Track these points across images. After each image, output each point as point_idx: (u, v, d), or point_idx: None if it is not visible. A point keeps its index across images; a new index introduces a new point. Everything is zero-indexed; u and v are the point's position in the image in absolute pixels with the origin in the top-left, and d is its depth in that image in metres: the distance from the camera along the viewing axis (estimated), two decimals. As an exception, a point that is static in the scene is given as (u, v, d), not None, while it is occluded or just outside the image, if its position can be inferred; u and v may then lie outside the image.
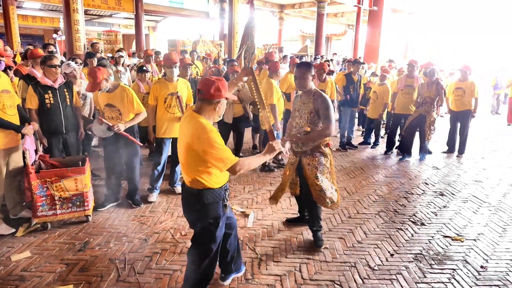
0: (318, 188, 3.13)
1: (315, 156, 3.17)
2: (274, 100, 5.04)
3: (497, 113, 12.23)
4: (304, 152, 3.19)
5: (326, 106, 3.02)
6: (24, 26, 19.16)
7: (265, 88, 5.02)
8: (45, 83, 3.85)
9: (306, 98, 3.15)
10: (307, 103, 3.12)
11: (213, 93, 2.13)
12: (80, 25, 7.70)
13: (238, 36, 10.45)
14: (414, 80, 6.26)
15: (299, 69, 3.11)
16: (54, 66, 3.85)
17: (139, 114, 3.96)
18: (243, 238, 3.48)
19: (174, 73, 4.19)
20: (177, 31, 22.75)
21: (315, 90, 3.13)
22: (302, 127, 3.12)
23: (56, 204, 3.44)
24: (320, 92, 3.11)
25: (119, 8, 15.14)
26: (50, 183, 3.37)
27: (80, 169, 3.50)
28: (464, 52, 22.85)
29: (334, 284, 2.83)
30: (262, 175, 5.31)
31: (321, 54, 13.96)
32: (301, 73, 3.07)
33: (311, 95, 3.12)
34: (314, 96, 3.09)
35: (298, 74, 3.09)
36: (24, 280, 2.76)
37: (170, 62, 4.14)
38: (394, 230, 3.75)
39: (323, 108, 3.02)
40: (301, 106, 3.18)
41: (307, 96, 3.14)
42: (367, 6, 15.64)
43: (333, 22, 23.88)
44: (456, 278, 2.94)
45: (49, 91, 3.86)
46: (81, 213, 3.59)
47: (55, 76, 3.89)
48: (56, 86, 3.91)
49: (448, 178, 5.45)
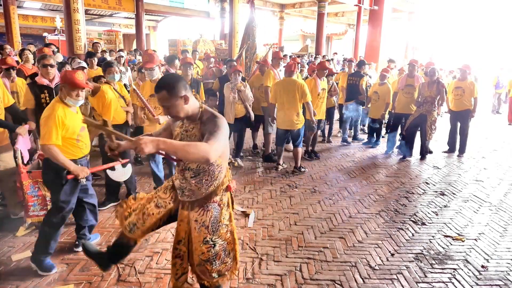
0: (204, 257, 2.17)
1: (206, 209, 2.16)
2: (308, 98, 5.14)
3: (498, 113, 12.21)
4: (191, 203, 2.18)
5: (216, 127, 1.95)
6: (25, 26, 19.14)
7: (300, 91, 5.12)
8: (42, 82, 3.89)
9: (189, 124, 2.11)
10: (191, 130, 2.09)
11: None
12: (80, 24, 7.69)
13: (238, 35, 10.43)
14: (415, 80, 6.25)
15: (156, 92, 1.99)
16: (46, 66, 3.89)
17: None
18: (243, 238, 3.48)
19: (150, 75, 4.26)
20: (178, 30, 22.79)
21: (202, 111, 2.09)
22: (187, 168, 2.14)
23: (48, 205, 3.40)
24: (211, 112, 2.09)
25: (119, 7, 15.16)
26: (41, 183, 3.32)
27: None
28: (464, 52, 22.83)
29: (334, 283, 2.83)
30: (262, 175, 5.31)
31: (322, 54, 13.94)
32: (160, 99, 1.97)
33: (196, 118, 2.09)
34: (202, 120, 2.07)
35: (158, 101, 2.02)
36: (25, 280, 2.76)
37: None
38: (395, 229, 3.75)
39: (210, 131, 1.93)
40: (184, 135, 2.12)
41: (191, 121, 2.11)
42: (368, 5, 15.62)
43: (333, 22, 23.86)
44: (457, 278, 2.94)
45: (45, 90, 3.91)
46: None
47: (49, 75, 3.92)
48: (53, 86, 3.95)
49: (449, 177, 5.45)
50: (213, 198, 2.17)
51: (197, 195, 2.16)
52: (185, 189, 2.17)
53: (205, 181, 2.12)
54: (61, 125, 2.70)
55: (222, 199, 2.21)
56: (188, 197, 2.18)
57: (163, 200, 2.30)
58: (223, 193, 2.21)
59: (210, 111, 2.10)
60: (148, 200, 2.35)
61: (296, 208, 4.22)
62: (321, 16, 14.92)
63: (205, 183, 2.12)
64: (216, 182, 2.15)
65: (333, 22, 23.85)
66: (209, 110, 2.10)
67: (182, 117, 2.06)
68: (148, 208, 2.32)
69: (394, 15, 18.60)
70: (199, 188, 2.13)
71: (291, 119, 5.17)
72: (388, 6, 16.04)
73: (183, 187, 2.18)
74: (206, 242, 2.16)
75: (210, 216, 2.16)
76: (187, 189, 2.16)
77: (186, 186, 2.16)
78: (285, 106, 5.17)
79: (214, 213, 2.17)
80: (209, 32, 17.25)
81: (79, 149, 2.89)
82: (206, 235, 2.15)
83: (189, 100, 2.00)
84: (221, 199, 2.20)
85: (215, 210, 2.17)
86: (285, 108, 5.17)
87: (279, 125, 5.36)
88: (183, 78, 2.07)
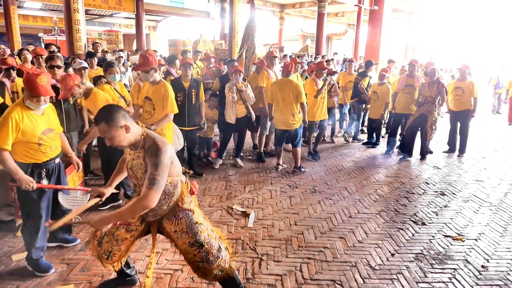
0: (198, 258, 2.24)
1: (178, 218, 2.20)
2: (303, 99, 5.15)
3: (498, 113, 12.21)
4: (159, 221, 2.24)
5: (155, 162, 1.93)
6: (25, 26, 19.15)
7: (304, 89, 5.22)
8: None
9: (134, 152, 2.08)
10: (137, 159, 2.06)
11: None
12: (81, 25, 7.69)
13: (238, 35, 10.44)
14: (415, 80, 6.25)
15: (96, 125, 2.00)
16: (53, 67, 3.96)
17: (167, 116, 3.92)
18: (243, 238, 3.48)
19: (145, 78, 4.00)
20: (178, 30, 22.81)
21: (144, 138, 2.04)
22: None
23: None
24: (153, 139, 2.02)
25: (119, 8, 15.16)
26: None
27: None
28: (464, 52, 22.84)
29: (334, 283, 2.83)
30: (262, 175, 5.31)
31: (322, 54, 13.94)
32: (101, 131, 1.96)
33: (139, 146, 2.04)
34: (145, 148, 2.02)
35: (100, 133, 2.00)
36: (25, 280, 2.76)
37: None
38: (395, 229, 3.75)
39: (151, 164, 1.94)
40: (132, 163, 2.10)
41: (135, 148, 2.07)
42: (368, 5, 15.62)
43: (333, 22, 23.87)
44: (457, 278, 2.94)
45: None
46: None
47: (56, 76, 3.95)
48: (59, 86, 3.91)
49: (449, 177, 5.45)
50: (181, 207, 2.21)
51: (161, 213, 2.20)
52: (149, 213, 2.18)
53: (164, 200, 2.14)
54: (15, 129, 2.50)
55: (190, 204, 2.25)
56: (152, 217, 2.23)
57: (132, 224, 2.30)
58: (188, 199, 2.25)
59: (152, 137, 2.05)
60: (113, 227, 2.24)
61: (296, 208, 4.22)
62: (321, 16, 14.92)
63: (164, 201, 2.14)
64: (174, 197, 2.18)
65: (333, 22, 23.86)
66: (151, 135, 2.06)
67: (126, 146, 2.05)
68: (118, 234, 2.35)
69: (394, 15, 18.61)
70: (160, 207, 2.16)
71: (287, 119, 5.17)
72: (388, 6, 16.05)
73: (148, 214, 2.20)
74: (192, 245, 2.23)
75: (184, 222, 2.21)
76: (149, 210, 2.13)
77: None
78: (280, 106, 5.18)
79: (187, 219, 2.22)
80: (209, 32, 17.27)
81: (42, 153, 2.69)
82: (189, 239, 2.22)
83: (130, 129, 1.98)
84: (189, 204, 2.24)
85: (187, 216, 2.22)
86: (281, 108, 5.18)
87: (277, 125, 5.36)
88: (122, 108, 2.05)
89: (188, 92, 4.78)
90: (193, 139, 5.12)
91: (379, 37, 15.69)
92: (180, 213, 2.20)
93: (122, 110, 2.02)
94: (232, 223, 3.78)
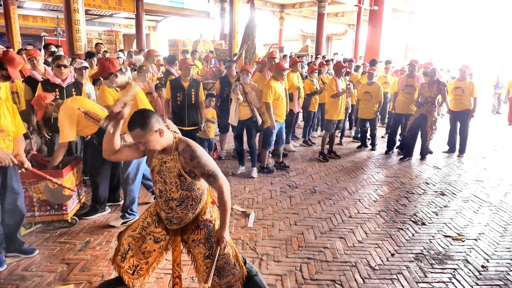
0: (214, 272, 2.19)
1: (199, 228, 2.22)
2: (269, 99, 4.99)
3: (498, 113, 12.21)
4: (182, 229, 2.25)
5: (200, 162, 2.02)
6: (25, 26, 19.15)
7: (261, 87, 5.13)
8: (54, 81, 4.08)
9: (166, 156, 2.08)
10: (169, 162, 2.07)
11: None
12: (81, 25, 7.70)
13: (238, 35, 10.45)
14: (415, 80, 6.25)
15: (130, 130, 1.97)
16: (60, 66, 4.08)
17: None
18: (243, 238, 3.48)
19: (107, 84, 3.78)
20: (178, 31, 22.81)
21: (177, 141, 2.08)
22: (171, 199, 2.13)
23: (35, 206, 3.38)
24: (185, 141, 2.07)
25: (119, 8, 15.16)
26: (29, 184, 3.29)
27: (58, 173, 3.33)
28: (464, 52, 22.84)
29: (334, 283, 2.83)
30: (262, 175, 5.31)
31: (322, 54, 13.94)
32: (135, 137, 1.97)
33: (172, 150, 2.07)
34: (179, 151, 2.06)
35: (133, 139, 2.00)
36: (25, 280, 2.76)
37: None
38: (395, 229, 3.75)
39: (198, 165, 2.02)
40: (161, 167, 2.10)
41: (167, 152, 2.08)
42: (368, 5, 15.63)
43: (333, 22, 23.86)
44: (457, 278, 2.94)
45: (56, 89, 4.08)
46: (59, 217, 3.49)
47: (63, 75, 4.10)
48: (64, 85, 4.11)
49: (449, 177, 5.45)
50: (202, 217, 2.23)
51: (185, 221, 2.21)
52: (173, 218, 2.20)
53: (191, 206, 2.16)
54: None
55: (212, 215, 2.27)
56: (177, 225, 2.23)
57: (160, 234, 2.34)
58: (210, 209, 2.27)
59: (183, 140, 2.10)
60: (138, 239, 2.35)
61: (296, 208, 4.22)
62: (321, 16, 14.92)
63: (190, 207, 2.17)
64: (201, 204, 2.21)
65: (333, 22, 23.85)
66: (183, 139, 2.11)
67: (159, 148, 2.04)
68: (145, 247, 2.37)
69: (394, 15, 18.62)
70: (186, 214, 2.18)
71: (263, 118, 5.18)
72: (388, 6, 16.06)
73: (170, 217, 2.21)
74: (207, 257, 2.24)
75: (204, 233, 2.23)
76: (175, 217, 2.20)
77: (173, 215, 2.19)
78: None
79: (207, 230, 2.24)
80: (209, 32, 17.27)
81: None
82: (205, 251, 2.23)
83: (164, 133, 2.00)
84: (210, 215, 2.26)
85: (207, 227, 2.24)
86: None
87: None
88: (155, 113, 2.04)
89: (187, 92, 4.77)
90: (193, 139, 5.08)
91: (379, 37, 15.70)
92: (201, 224, 2.22)
93: (156, 114, 2.01)
94: (232, 223, 3.78)
